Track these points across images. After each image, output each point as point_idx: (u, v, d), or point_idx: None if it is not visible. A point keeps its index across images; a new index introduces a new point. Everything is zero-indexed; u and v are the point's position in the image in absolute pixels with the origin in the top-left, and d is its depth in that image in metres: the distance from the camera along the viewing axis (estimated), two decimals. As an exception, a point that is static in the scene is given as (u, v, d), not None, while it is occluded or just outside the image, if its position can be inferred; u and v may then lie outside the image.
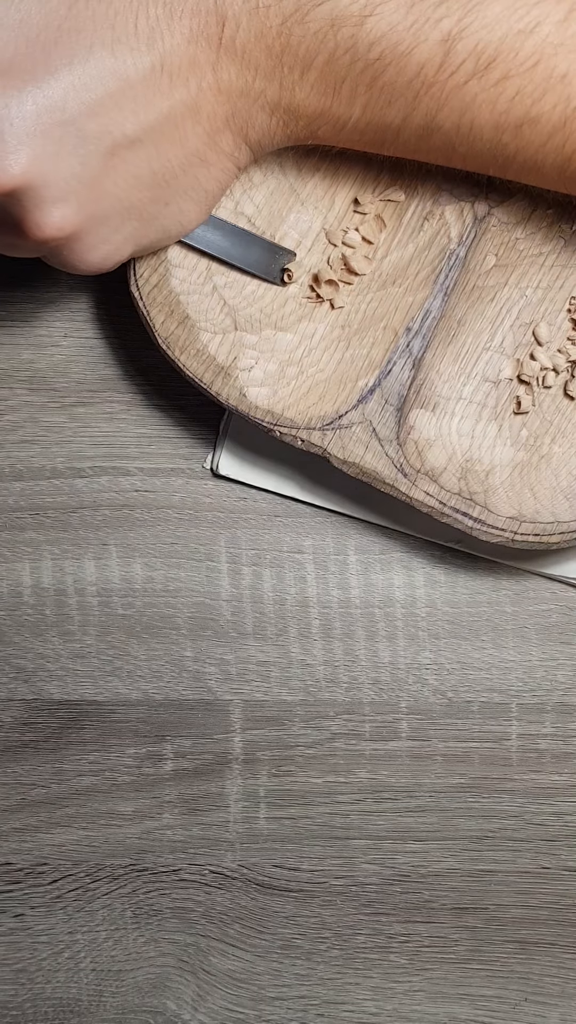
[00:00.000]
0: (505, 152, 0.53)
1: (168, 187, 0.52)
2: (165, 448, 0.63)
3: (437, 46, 0.50)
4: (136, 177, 0.51)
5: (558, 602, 0.63)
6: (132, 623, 0.63)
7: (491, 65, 0.50)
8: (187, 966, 0.62)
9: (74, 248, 0.52)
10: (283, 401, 0.58)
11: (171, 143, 0.51)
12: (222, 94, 0.51)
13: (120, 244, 0.53)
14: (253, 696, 0.63)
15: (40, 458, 0.63)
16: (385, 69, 0.50)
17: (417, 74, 0.50)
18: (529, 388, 0.59)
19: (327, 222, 0.59)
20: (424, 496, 0.57)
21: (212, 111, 0.51)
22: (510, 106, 0.51)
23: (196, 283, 0.58)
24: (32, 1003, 0.62)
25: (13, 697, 0.63)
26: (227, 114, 0.52)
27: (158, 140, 0.51)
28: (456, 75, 0.50)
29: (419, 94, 0.51)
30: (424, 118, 0.52)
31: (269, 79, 0.51)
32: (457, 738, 0.63)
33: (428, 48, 0.50)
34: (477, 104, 0.51)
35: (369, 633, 0.63)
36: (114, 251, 0.53)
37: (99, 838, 0.62)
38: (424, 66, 0.50)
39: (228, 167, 0.54)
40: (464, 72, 0.50)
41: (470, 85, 0.50)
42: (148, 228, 0.54)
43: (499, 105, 0.51)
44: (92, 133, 0.49)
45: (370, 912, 0.63)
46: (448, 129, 0.52)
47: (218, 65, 0.50)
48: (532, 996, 0.63)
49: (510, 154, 0.53)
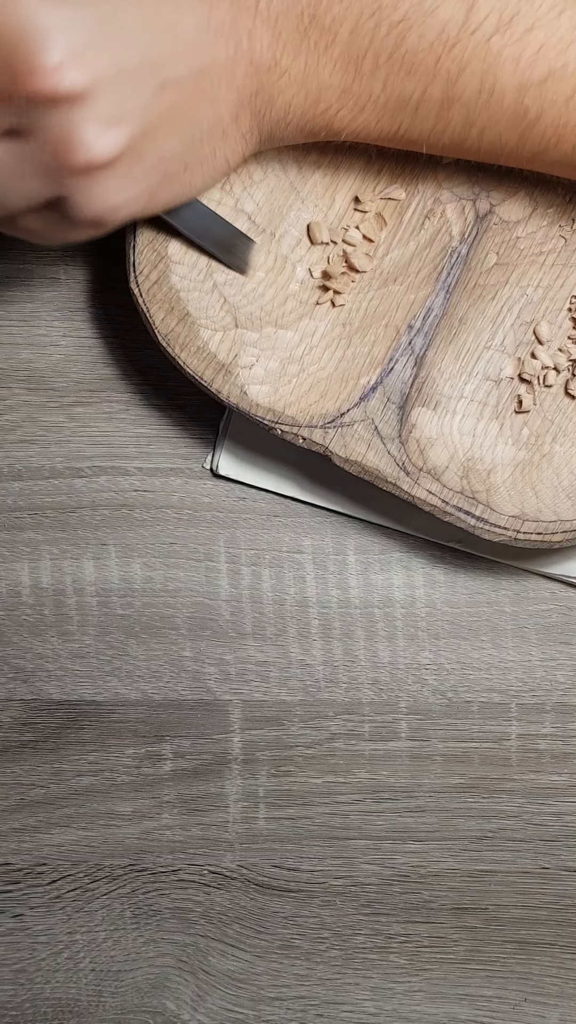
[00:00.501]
0: (527, 118, 0.52)
1: (192, 149, 0.51)
2: (164, 448, 0.63)
3: (460, 3, 0.49)
4: (174, 123, 0.50)
5: (558, 602, 0.63)
6: (131, 623, 0.63)
7: (515, 18, 0.49)
8: (186, 966, 0.62)
9: (103, 182, 0.48)
10: (284, 399, 0.58)
11: (206, 101, 0.50)
12: (252, 65, 0.50)
13: (139, 195, 0.50)
14: (252, 696, 0.63)
15: (39, 458, 0.63)
16: (408, 32, 0.50)
17: (439, 34, 0.50)
18: (530, 387, 0.59)
19: (328, 220, 0.59)
20: (426, 495, 0.57)
21: (243, 82, 0.50)
22: (535, 60, 0.50)
23: (196, 280, 0.58)
24: (31, 1003, 0.62)
25: (12, 697, 0.62)
26: (253, 89, 0.51)
27: (196, 92, 0.49)
28: (479, 32, 0.50)
29: (440, 58, 0.50)
30: (444, 85, 0.51)
31: (296, 54, 0.50)
32: (457, 738, 0.63)
33: (451, 5, 0.49)
34: (501, 62, 0.50)
35: (368, 633, 0.63)
36: (130, 201, 0.50)
37: (98, 838, 0.62)
38: (447, 25, 0.50)
39: (237, 149, 0.53)
40: (487, 28, 0.50)
41: (493, 41, 0.50)
42: (164, 187, 0.51)
43: (523, 61, 0.50)
44: (152, 60, 0.47)
45: (369, 912, 0.63)
46: (468, 97, 0.51)
47: (253, 32, 0.50)
48: (532, 996, 0.62)
49: (532, 119, 0.52)
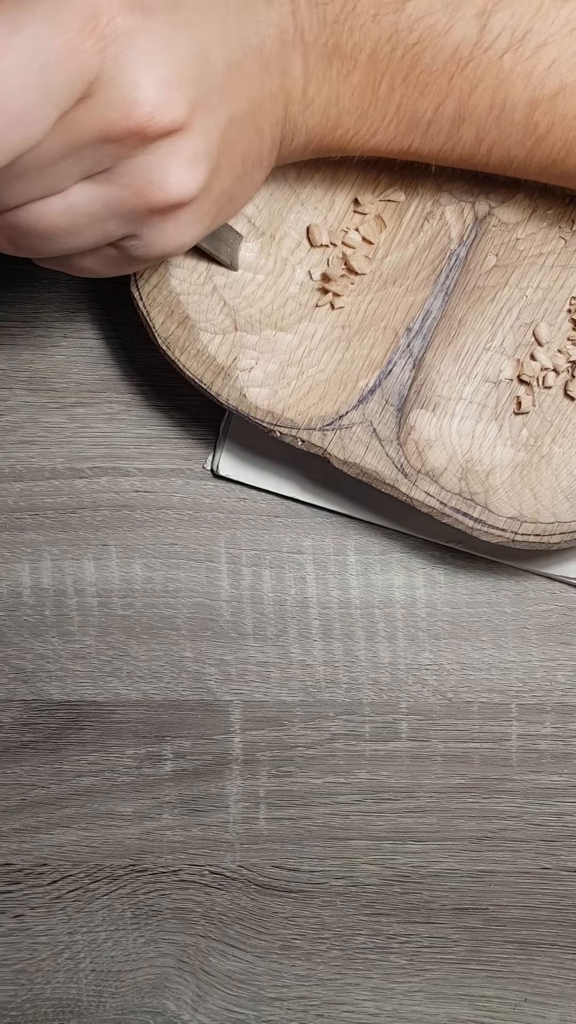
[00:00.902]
0: (536, 132, 0.52)
1: (240, 182, 0.50)
2: (165, 449, 0.63)
3: (473, 21, 0.50)
4: (232, 159, 0.48)
5: (558, 602, 0.63)
6: (132, 624, 0.63)
7: (528, 35, 0.50)
8: (187, 967, 0.62)
9: (180, 220, 0.47)
10: (283, 401, 0.58)
11: (255, 134, 0.49)
12: (287, 97, 0.50)
13: (201, 232, 0.49)
14: (253, 697, 0.63)
15: (40, 459, 0.63)
16: (423, 53, 0.50)
17: (453, 54, 0.50)
18: (529, 388, 0.59)
19: (327, 222, 0.59)
20: (425, 496, 0.57)
21: (280, 113, 0.50)
22: (546, 76, 0.50)
23: (196, 283, 0.58)
24: (32, 1003, 0.62)
25: (13, 698, 0.62)
26: (283, 119, 0.50)
27: (251, 126, 0.48)
28: (491, 50, 0.50)
29: (453, 76, 0.50)
30: (456, 103, 0.51)
31: (320, 84, 0.50)
32: (457, 738, 0.63)
33: (464, 25, 0.50)
34: (512, 79, 0.50)
35: (369, 634, 0.63)
36: (198, 234, 0.48)
37: (99, 838, 0.62)
38: (460, 44, 0.50)
39: (260, 179, 0.52)
40: (499, 46, 0.50)
41: (506, 58, 0.50)
42: (216, 221, 0.50)
43: (535, 76, 0.50)
44: (225, 94, 0.46)
45: (370, 913, 0.63)
46: (480, 113, 0.51)
47: (292, 64, 0.49)
48: (532, 996, 0.63)
49: (541, 134, 0.52)
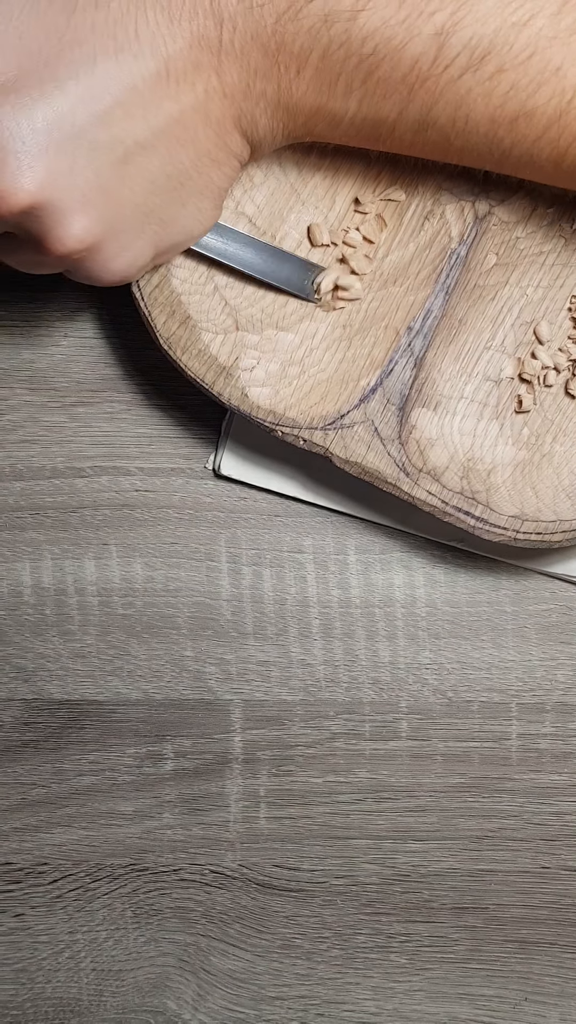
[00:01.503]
0: (501, 146, 0.53)
1: (183, 188, 0.53)
2: (165, 448, 0.63)
3: (431, 40, 0.50)
4: (151, 182, 0.52)
5: (558, 602, 0.63)
6: (132, 623, 0.63)
7: (485, 59, 0.50)
8: (187, 966, 0.62)
9: (96, 259, 0.52)
10: (285, 401, 0.58)
11: (182, 146, 0.51)
12: (227, 97, 0.51)
13: (142, 250, 0.53)
14: (253, 696, 0.63)
15: (40, 458, 0.63)
16: (379, 64, 0.50)
17: (411, 68, 0.50)
18: (530, 387, 0.59)
19: (328, 222, 0.59)
20: (426, 495, 0.57)
21: (220, 114, 0.51)
22: (505, 100, 0.51)
23: (197, 283, 0.58)
24: (32, 1003, 0.62)
25: (13, 697, 0.62)
26: (235, 116, 0.52)
27: (170, 144, 0.51)
28: (450, 69, 0.50)
29: (414, 88, 0.51)
30: (419, 112, 0.52)
31: (267, 79, 0.51)
32: (457, 738, 0.63)
33: (422, 42, 0.50)
34: (472, 98, 0.51)
35: (369, 633, 0.63)
36: (136, 257, 0.53)
37: (99, 838, 0.62)
38: (418, 60, 0.50)
39: (235, 165, 0.54)
40: (458, 66, 0.50)
41: (464, 79, 0.50)
42: (169, 230, 0.54)
43: (494, 99, 0.51)
44: (104, 143, 0.49)
45: (370, 912, 0.63)
46: (443, 124, 0.52)
47: (220, 68, 0.50)
48: (532, 996, 0.63)
49: (506, 148, 0.53)
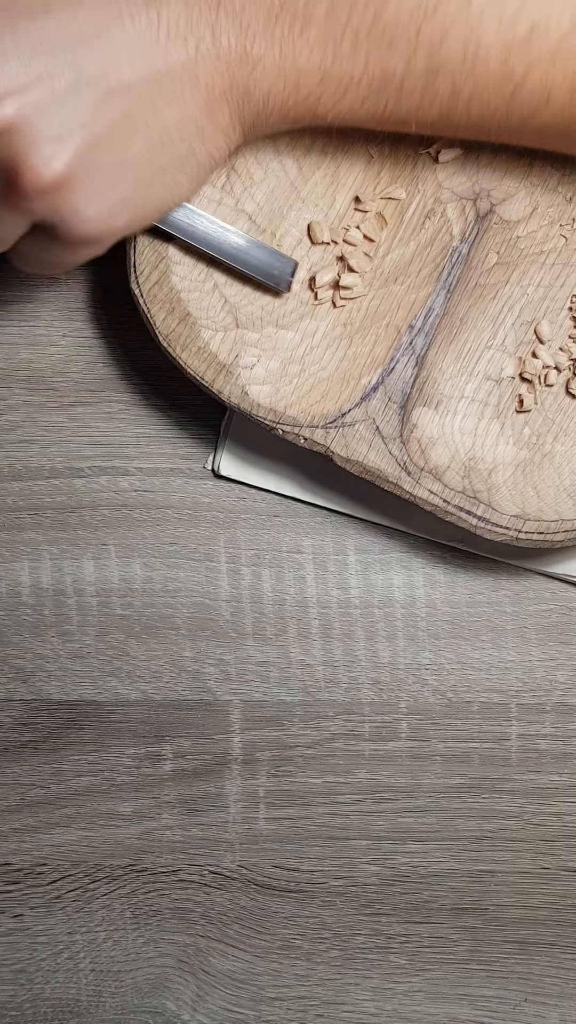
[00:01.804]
0: (513, 80, 0.51)
1: (164, 151, 0.51)
2: (164, 448, 0.63)
3: None
4: (131, 129, 0.50)
5: (558, 602, 0.63)
6: (131, 623, 0.63)
7: None
8: (186, 966, 0.62)
9: (68, 198, 0.49)
10: (285, 399, 0.58)
11: (168, 102, 0.50)
12: (221, 61, 0.50)
13: (115, 205, 0.51)
14: (252, 696, 0.63)
15: (39, 458, 0.63)
16: (386, 4, 0.49)
17: (419, 1, 0.49)
18: (531, 386, 0.59)
19: (328, 220, 0.59)
20: (428, 494, 0.57)
21: (211, 79, 0.50)
22: (517, 16, 0.50)
23: (197, 280, 0.58)
24: (31, 1003, 0.62)
25: (12, 697, 0.62)
26: (226, 85, 0.51)
27: (154, 95, 0.50)
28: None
29: (421, 26, 0.50)
30: (427, 54, 0.50)
31: (268, 41, 0.50)
32: (457, 738, 0.63)
33: None
34: (483, 23, 0.50)
35: (368, 633, 0.63)
36: (109, 212, 0.51)
37: (98, 838, 0.62)
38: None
39: (221, 144, 0.53)
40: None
41: (475, 2, 0.49)
42: (144, 192, 0.52)
43: (505, 19, 0.50)
44: (89, 73, 0.48)
45: (370, 912, 0.63)
46: (453, 64, 0.51)
47: (217, 25, 0.49)
48: (532, 996, 0.62)
49: (519, 80, 0.51)
